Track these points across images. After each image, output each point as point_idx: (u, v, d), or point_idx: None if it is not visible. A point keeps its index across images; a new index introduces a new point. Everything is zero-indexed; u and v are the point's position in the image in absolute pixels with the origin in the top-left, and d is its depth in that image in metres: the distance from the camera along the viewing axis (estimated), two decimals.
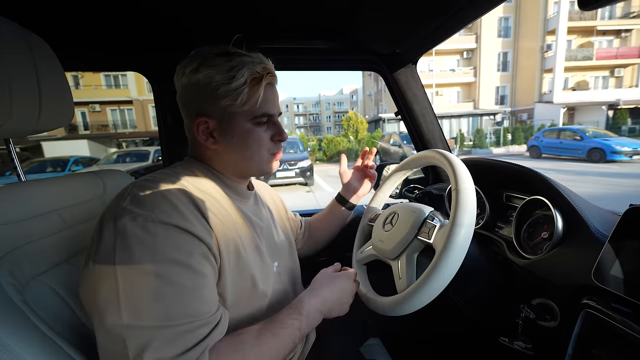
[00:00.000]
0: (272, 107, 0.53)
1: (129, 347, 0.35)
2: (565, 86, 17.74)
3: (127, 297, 0.36)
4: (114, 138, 18.11)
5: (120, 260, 0.37)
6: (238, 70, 0.47)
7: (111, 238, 0.38)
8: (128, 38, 0.86)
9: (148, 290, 0.37)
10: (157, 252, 0.38)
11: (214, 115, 0.50)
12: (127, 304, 0.36)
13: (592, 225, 0.54)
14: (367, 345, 0.80)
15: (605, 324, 0.44)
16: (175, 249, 0.39)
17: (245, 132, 0.51)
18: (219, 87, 0.48)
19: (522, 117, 19.01)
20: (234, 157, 0.53)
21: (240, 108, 0.49)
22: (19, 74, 0.47)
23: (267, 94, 0.51)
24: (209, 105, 0.49)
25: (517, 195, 0.73)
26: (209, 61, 0.48)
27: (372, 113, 28.07)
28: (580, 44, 17.94)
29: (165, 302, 0.37)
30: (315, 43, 0.95)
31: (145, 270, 0.37)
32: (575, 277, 0.51)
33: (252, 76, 0.48)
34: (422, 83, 1.06)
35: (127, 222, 0.39)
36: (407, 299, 0.48)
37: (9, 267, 0.40)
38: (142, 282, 0.37)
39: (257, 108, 0.50)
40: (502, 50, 19.48)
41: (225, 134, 0.51)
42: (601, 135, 9.51)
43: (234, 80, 0.47)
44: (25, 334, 0.36)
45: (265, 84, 0.50)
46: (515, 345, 0.60)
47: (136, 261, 0.37)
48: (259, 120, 0.51)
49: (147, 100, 18.59)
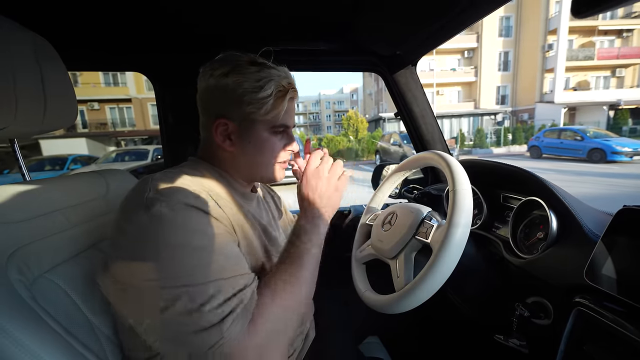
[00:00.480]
0: (290, 119, 0.56)
1: (188, 302, 0.37)
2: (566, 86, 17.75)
3: (174, 268, 0.39)
4: (112, 136, 18.09)
5: (162, 239, 0.40)
6: (266, 82, 0.51)
7: (146, 223, 0.40)
8: (130, 38, 0.87)
9: (192, 258, 0.40)
10: (192, 228, 0.42)
11: (235, 119, 0.52)
12: (176, 272, 0.39)
13: (586, 226, 0.55)
14: (365, 343, 0.82)
15: (596, 321, 0.46)
16: (206, 224, 0.44)
17: (263, 140, 0.54)
18: (245, 94, 0.50)
19: (523, 117, 19.02)
20: (247, 162, 0.55)
21: (263, 117, 0.52)
22: (23, 75, 0.48)
23: (288, 107, 0.55)
24: (233, 109, 0.52)
25: (513, 196, 0.75)
26: (240, 68, 0.51)
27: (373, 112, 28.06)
28: (582, 44, 17.94)
29: (212, 263, 0.41)
30: (315, 44, 0.96)
31: (186, 244, 0.40)
32: (569, 276, 0.53)
33: (278, 89, 0.52)
34: (421, 84, 1.08)
35: (160, 207, 0.41)
36: (404, 297, 0.49)
37: (17, 264, 0.41)
38: (185, 254, 0.40)
39: (278, 119, 0.54)
40: (503, 49, 19.47)
41: (242, 138, 0.53)
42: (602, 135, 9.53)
43: (261, 91, 0.50)
44: (36, 329, 0.38)
45: (291, 98, 0.54)
46: (510, 342, 0.61)
47: (176, 239, 0.40)
48: (277, 130, 0.55)
49: (146, 98, 18.56)
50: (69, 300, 0.45)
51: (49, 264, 0.46)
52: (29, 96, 0.50)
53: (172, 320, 0.37)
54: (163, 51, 0.92)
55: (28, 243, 0.44)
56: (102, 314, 0.48)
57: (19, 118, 0.48)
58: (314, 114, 44.40)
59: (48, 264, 0.45)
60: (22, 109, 0.48)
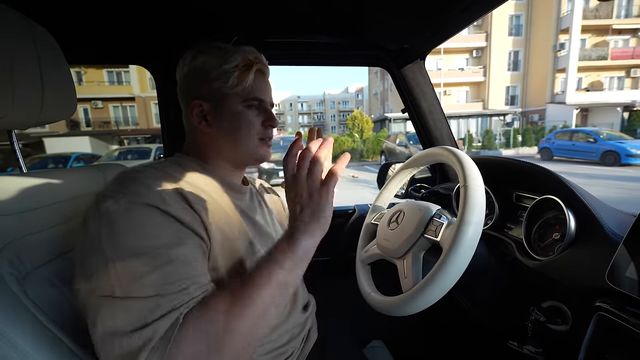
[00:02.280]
0: (264, 94, 0.56)
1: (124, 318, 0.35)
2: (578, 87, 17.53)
3: (117, 276, 0.36)
4: (115, 135, 18.33)
5: (104, 240, 0.38)
6: (230, 55, 0.53)
7: (95, 222, 0.40)
8: (132, 30, 0.86)
9: (135, 267, 0.37)
10: (140, 231, 0.39)
11: (207, 98, 0.54)
12: (117, 282, 0.36)
13: (607, 226, 0.53)
14: (370, 348, 0.80)
15: (620, 327, 0.43)
16: (157, 228, 0.40)
17: (237, 114, 0.54)
18: (211, 71, 0.52)
19: (533, 118, 18.82)
20: (226, 141, 0.55)
21: (232, 90, 0.53)
22: (21, 65, 0.48)
23: (258, 80, 0.55)
24: (203, 88, 0.53)
25: (527, 195, 0.73)
26: (207, 50, 0.54)
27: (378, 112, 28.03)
28: (595, 43, 17.71)
29: (150, 275, 0.37)
30: (321, 38, 0.95)
31: (131, 248, 0.38)
32: (588, 278, 0.51)
33: (244, 62, 0.53)
34: (430, 80, 1.06)
35: (110, 205, 0.40)
36: (413, 298, 0.47)
37: (9, 258, 0.40)
38: (128, 260, 0.37)
39: (248, 91, 0.54)
40: (513, 49, 19.31)
41: (218, 116, 0.54)
42: (616, 137, 9.39)
43: (226, 63, 0.52)
44: (26, 324, 0.37)
45: (256, 70, 0.54)
46: (524, 349, 0.59)
47: (121, 241, 0.38)
48: (250, 103, 0.55)
49: (149, 97, 18.79)
50: (61, 296, 0.45)
51: (43, 259, 0.45)
52: (27, 86, 0.49)
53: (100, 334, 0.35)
54: (163, 43, 0.92)
55: (21, 236, 0.44)
56: None
57: (16, 107, 0.48)
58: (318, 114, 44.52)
59: (41, 259, 0.45)
60: (19, 98, 0.48)
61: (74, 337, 0.42)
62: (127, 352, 0.34)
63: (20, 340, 0.35)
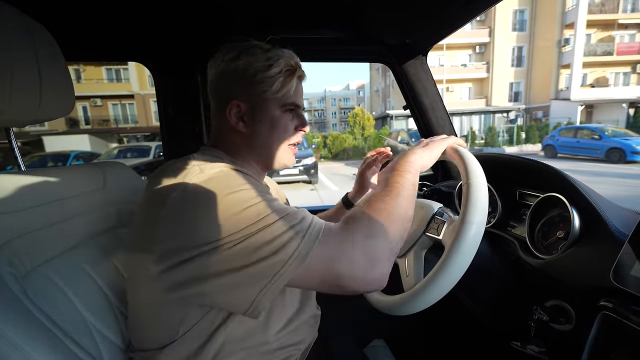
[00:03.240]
0: (300, 99, 0.59)
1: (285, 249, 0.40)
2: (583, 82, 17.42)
3: (247, 203, 0.42)
4: (115, 133, 18.35)
5: (221, 189, 0.42)
6: (275, 60, 0.53)
7: (203, 182, 0.43)
8: (130, 26, 0.86)
9: (259, 196, 0.43)
10: (245, 180, 0.45)
11: (247, 100, 0.55)
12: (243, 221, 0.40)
13: (612, 224, 0.53)
14: (371, 347, 0.80)
15: (624, 326, 0.43)
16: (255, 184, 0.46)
17: (275, 118, 0.56)
18: (256, 74, 0.53)
19: (537, 114, 18.73)
20: (260, 143, 0.57)
21: (274, 95, 0.54)
22: (19, 62, 0.48)
23: (297, 86, 0.57)
24: (244, 90, 0.54)
25: (531, 193, 0.72)
26: (249, 50, 0.54)
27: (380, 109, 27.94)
28: (600, 38, 17.56)
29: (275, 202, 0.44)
30: (321, 33, 0.94)
31: (246, 187, 0.44)
32: (593, 277, 0.51)
33: (287, 67, 0.54)
34: (432, 75, 1.05)
35: (210, 170, 0.45)
36: (414, 297, 0.47)
37: (8, 256, 0.40)
38: (250, 193, 0.43)
39: (288, 97, 0.56)
40: (516, 44, 19.17)
41: (255, 118, 0.55)
42: (621, 134, 9.33)
43: (271, 68, 0.53)
44: (24, 323, 0.37)
45: (297, 76, 0.56)
46: (528, 349, 0.59)
47: (235, 184, 0.44)
48: (287, 108, 0.56)
49: (148, 94, 18.78)
50: (62, 296, 0.44)
51: (43, 258, 0.45)
52: (25, 83, 0.49)
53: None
54: (162, 39, 0.91)
55: (20, 235, 0.44)
56: (96, 310, 0.47)
57: (13, 104, 0.48)
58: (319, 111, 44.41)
59: (42, 258, 0.45)
60: (17, 95, 0.48)
61: (73, 336, 0.42)
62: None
63: (19, 340, 0.36)
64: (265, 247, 0.39)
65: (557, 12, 17.25)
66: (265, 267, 0.39)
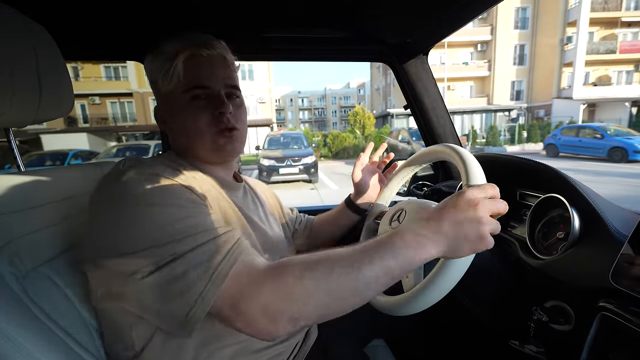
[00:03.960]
0: (207, 79, 0.53)
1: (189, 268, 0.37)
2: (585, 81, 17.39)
3: (163, 225, 0.39)
4: (113, 131, 18.35)
5: (136, 202, 0.40)
6: (162, 50, 0.53)
7: (120, 189, 0.42)
8: (128, 25, 0.86)
9: (178, 216, 0.40)
10: (169, 192, 0.43)
11: (160, 100, 0.56)
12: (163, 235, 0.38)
13: (611, 225, 0.53)
14: (371, 347, 0.81)
15: (623, 327, 0.44)
16: (183, 193, 0.44)
17: (182, 108, 0.53)
18: (153, 71, 0.54)
19: (539, 113, 18.71)
20: (182, 137, 0.56)
21: (169, 86, 0.53)
22: (19, 62, 0.48)
23: (194, 65, 0.52)
24: (156, 93, 0.56)
25: (531, 194, 0.73)
26: (155, 51, 0.55)
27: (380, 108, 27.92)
28: (603, 36, 17.53)
29: (193, 220, 0.41)
30: (321, 32, 0.94)
31: (166, 203, 0.41)
32: (592, 278, 0.51)
33: (172, 53, 0.51)
34: (433, 75, 1.05)
35: (133, 174, 0.43)
36: (414, 298, 0.48)
37: (8, 256, 0.41)
38: (167, 211, 0.40)
39: (184, 82, 0.52)
40: (518, 42, 19.14)
41: (170, 115, 0.56)
42: (623, 133, 9.32)
43: (157, 61, 0.53)
44: (25, 322, 0.38)
45: (187, 56, 0.51)
46: (526, 349, 0.59)
47: (152, 199, 0.41)
48: (192, 94, 0.52)
49: (147, 92, 18.74)
50: (63, 295, 0.45)
51: (43, 257, 0.45)
52: (25, 83, 0.50)
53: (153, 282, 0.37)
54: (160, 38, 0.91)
55: (21, 235, 0.44)
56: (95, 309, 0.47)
57: (14, 105, 0.48)
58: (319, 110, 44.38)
59: (42, 257, 0.45)
60: (17, 96, 0.48)
61: (74, 335, 0.43)
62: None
63: (21, 339, 0.36)
64: (172, 285, 0.36)
65: (560, 9, 17.20)
66: (170, 309, 0.37)
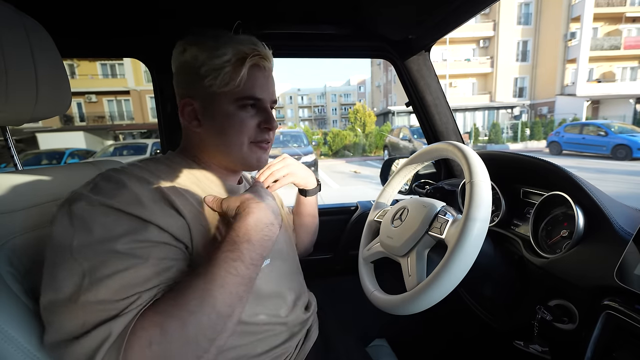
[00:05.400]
0: (261, 91, 0.52)
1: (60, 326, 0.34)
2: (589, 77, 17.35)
3: (85, 277, 0.35)
4: (110, 130, 18.32)
5: (64, 239, 0.37)
6: (222, 48, 0.48)
7: (64, 220, 0.38)
8: (125, 22, 0.86)
9: (100, 268, 0.36)
10: (106, 234, 0.38)
11: (197, 97, 0.51)
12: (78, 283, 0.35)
13: (616, 223, 0.53)
14: (373, 346, 0.81)
15: (628, 326, 0.44)
16: (124, 233, 0.38)
17: (226, 116, 0.50)
18: (201, 66, 0.48)
19: (542, 110, 18.68)
20: (214, 143, 0.53)
21: (222, 89, 0.49)
22: (15, 59, 0.48)
23: (254, 75, 0.50)
24: (193, 86, 0.50)
25: (535, 191, 0.73)
26: (197, 41, 0.49)
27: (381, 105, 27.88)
28: (607, 32, 17.47)
29: (103, 283, 0.36)
30: (321, 28, 0.94)
31: (94, 250, 0.37)
32: (596, 277, 0.51)
33: (237, 56, 0.48)
34: (435, 72, 1.05)
35: (82, 205, 0.39)
36: (417, 296, 0.48)
37: (7, 256, 0.41)
38: (95, 260, 0.36)
39: (240, 89, 0.49)
40: (521, 38, 19.08)
41: (208, 116, 0.51)
42: (628, 130, 9.30)
43: (215, 59, 0.48)
44: (25, 322, 0.38)
45: (251, 65, 0.49)
46: (531, 348, 0.59)
47: (84, 241, 0.37)
48: (243, 103, 0.51)
49: (144, 90, 18.72)
50: None
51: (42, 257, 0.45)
52: (21, 81, 0.49)
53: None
54: (158, 34, 0.91)
55: (19, 234, 0.44)
56: None
57: (9, 103, 0.48)
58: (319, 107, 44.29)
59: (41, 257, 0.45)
60: (13, 94, 0.48)
61: None
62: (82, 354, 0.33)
63: (21, 339, 0.36)
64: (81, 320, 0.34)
65: (564, 5, 17.14)
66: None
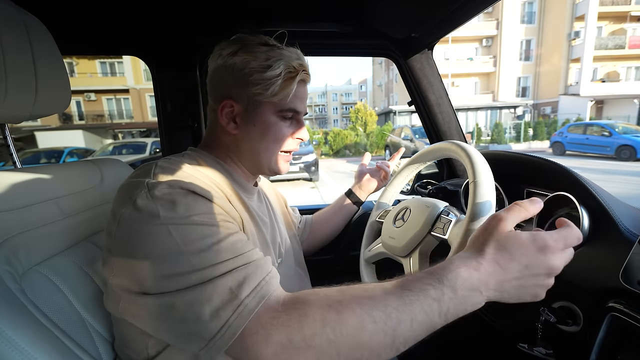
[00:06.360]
0: (301, 104, 0.55)
1: (213, 293, 0.35)
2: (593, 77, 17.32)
3: (190, 246, 0.37)
4: (109, 129, 18.33)
5: (167, 217, 0.38)
6: (275, 61, 0.50)
7: (150, 204, 0.39)
8: (127, 20, 0.86)
9: (207, 236, 0.39)
10: (200, 209, 0.41)
11: (241, 100, 0.52)
12: (194, 251, 0.37)
13: (622, 224, 0.53)
14: None
15: (633, 328, 0.44)
16: (215, 214, 0.42)
17: (268, 124, 0.53)
18: (252, 74, 0.50)
19: (545, 110, 18.65)
20: (250, 148, 0.55)
21: (270, 99, 0.52)
22: (14, 56, 0.48)
23: (298, 90, 0.54)
24: (239, 90, 0.52)
25: (539, 192, 0.72)
26: (249, 47, 0.51)
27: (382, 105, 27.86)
28: (612, 31, 17.44)
29: (224, 244, 0.39)
30: (323, 26, 0.94)
31: (195, 221, 0.39)
32: (601, 279, 0.51)
33: (288, 70, 0.51)
34: (438, 71, 1.05)
35: (164, 188, 0.41)
36: None
37: (5, 255, 0.41)
38: (195, 231, 0.39)
39: (286, 102, 0.53)
40: (525, 37, 19.04)
41: (247, 121, 0.53)
42: (632, 131, 9.29)
43: (269, 70, 0.50)
44: (23, 323, 0.38)
45: (299, 80, 0.53)
46: (534, 351, 0.59)
47: (183, 215, 0.39)
48: (285, 114, 0.54)
49: (144, 89, 18.74)
50: (61, 295, 0.45)
51: (41, 257, 0.46)
52: (20, 78, 0.49)
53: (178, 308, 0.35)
54: (159, 32, 0.91)
55: (18, 233, 0.44)
56: (95, 311, 0.48)
57: (8, 100, 0.48)
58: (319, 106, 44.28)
59: (39, 256, 0.45)
60: (12, 91, 0.48)
61: (72, 335, 0.43)
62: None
63: (19, 339, 0.36)
64: (193, 309, 0.35)
65: (568, 4, 17.11)
66: (190, 334, 0.35)
